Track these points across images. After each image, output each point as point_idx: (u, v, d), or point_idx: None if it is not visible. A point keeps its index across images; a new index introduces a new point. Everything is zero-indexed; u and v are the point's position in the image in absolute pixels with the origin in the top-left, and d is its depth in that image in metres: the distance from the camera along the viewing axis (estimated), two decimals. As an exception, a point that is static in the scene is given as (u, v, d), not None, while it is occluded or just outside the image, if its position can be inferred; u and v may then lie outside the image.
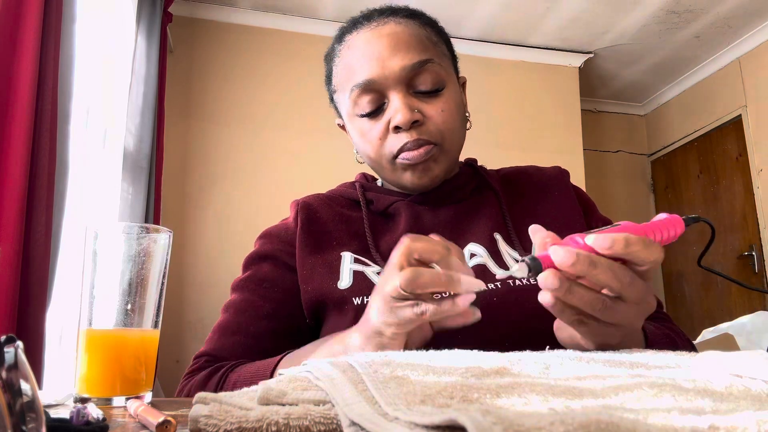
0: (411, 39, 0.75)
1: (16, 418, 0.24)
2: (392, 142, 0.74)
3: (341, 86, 0.79)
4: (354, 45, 0.77)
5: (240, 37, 3.17)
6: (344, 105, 0.79)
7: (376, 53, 0.74)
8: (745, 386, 0.32)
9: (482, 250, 0.75)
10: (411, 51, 0.74)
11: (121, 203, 2.17)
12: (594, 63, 3.72)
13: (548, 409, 0.26)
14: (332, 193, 0.87)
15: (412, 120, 0.72)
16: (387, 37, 0.75)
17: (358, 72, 0.75)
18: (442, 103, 0.75)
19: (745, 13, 3.19)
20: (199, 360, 0.75)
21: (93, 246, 0.53)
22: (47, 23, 1.40)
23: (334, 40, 0.83)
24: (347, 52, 0.78)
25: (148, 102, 2.37)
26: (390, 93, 0.74)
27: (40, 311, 1.32)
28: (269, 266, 0.79)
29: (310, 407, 0.32)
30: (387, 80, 0.73)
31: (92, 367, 0.51)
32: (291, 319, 0.76)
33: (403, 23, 0.77)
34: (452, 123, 0.76)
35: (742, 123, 3.55)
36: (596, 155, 4.12)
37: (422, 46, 0.75)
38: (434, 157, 0.75)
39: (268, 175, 3.02)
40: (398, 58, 0.73)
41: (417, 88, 0.75)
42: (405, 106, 0.72)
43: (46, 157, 1.36)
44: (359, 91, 0.75)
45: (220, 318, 0.78)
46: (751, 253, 3.46)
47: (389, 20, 0.77)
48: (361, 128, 0.77)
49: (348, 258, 0.76)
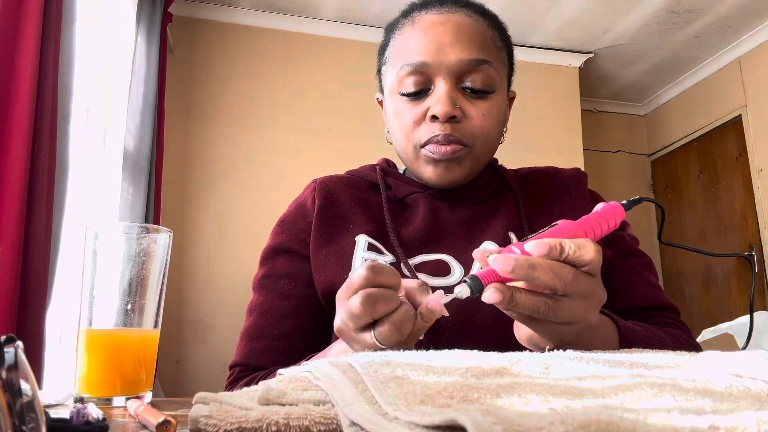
0: (476, 35, 0.73)
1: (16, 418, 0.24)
2: (424, 130, 0.73)
3: (393, 60, 0.77)
4: (419, 23, 0.75)
5: (240, 37, 3.17)
6: (390, 79, 0.77)
7: (438, 38, 0.72)
8: (745, 386, 0.32)
9: (496, 248, 0.74)
10: (472, 46, 0.72)
11: (121, 203, 2.17)
12: (594, 63, 3.72)
13: (548, 409, 0.26)
14: (352, 174, 0.86)
15: (451, 114, 0.71)
16: (453, 25, 0.73)
17: (414, 51, 0.73)
18: (485, 107, 0.73)
19: (745, 13, 3.19)
20: (234, 371, 0.74)
21: (93, 246, 0.53)
22: (47, 23, 1.40)
23: (400, 14, 0.81)
24: (410, 29, 0.76)
25: (148, 102, 2.37)
26: (438, 80, 0.72)
27: (40, 311, 1.32)
28: (285, 260, 0.78)
29: (310, 407, 0.32)
30: (440, 67, 0.72)
31: (92, 367, 0.51)
32: (315, 314, 0.75)
33: (474, 18, 0.75)
34: (489, 129, 0.74)
35: (742, 123, 3.55)
36: (596, 155, 4.12)
37: (485, 46, 0.74)
38: (460, 158, 0.73)
39: (268, 175, 3.02)
40: (458, 49, 0.72)
41: (466, 84, 0.73)
42: (448, 97, 0.71)
43: (46, 157, 1.36)
44: (410, 70, 0.73)
45: (245, 323, 0.77)
46: (751, 253, 3.46)
47: (460, 10, 0.75)
48: (399, 108, 0.75)
49: (362, 244, 0.74)
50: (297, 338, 0.74)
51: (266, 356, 0.73)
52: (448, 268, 0.73)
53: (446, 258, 0.74)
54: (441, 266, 0.73)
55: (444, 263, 0.73)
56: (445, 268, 0.73)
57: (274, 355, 0.73)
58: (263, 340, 0.73)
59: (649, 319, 0.77)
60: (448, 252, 0.75)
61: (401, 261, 0.72)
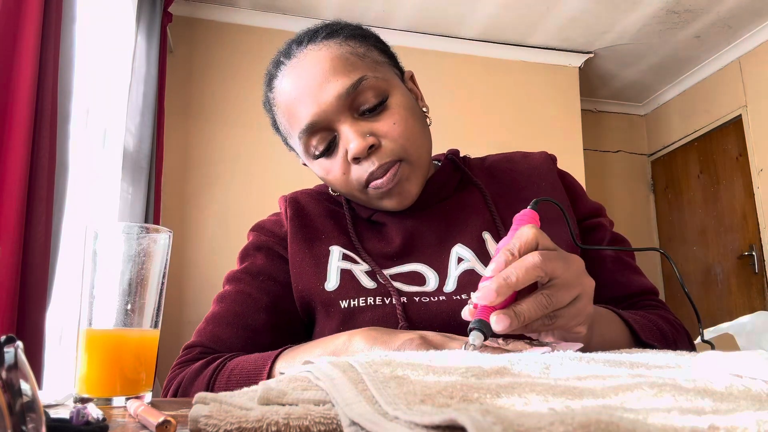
0: (335, 63, 0.70)
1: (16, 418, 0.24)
2: (357, 174, 0.71)
3: (289, 134, 0.76)
4: (283, 90, 0.73)
5: (240, 37, 3.17)
6: (299, 149, 0.76)
7: (306, 91, 0.70)
8: (745, 386, 0.32)
9: (470, 253, 0.73)
10: (339, 76, 0.69)
11: (121, 203, 2.17)
12: (594, 63, 3.72)
13: (548, 409, 0.26)
14: (319, 188, 0.86)
15: (367, 146, 0.68)
16: (310, 72, 0.70)
17: (297, 117, 0.71)
18: (391, 116, 0.71)
19: (745, 13, 3.19)
20: (192, 350, 0.72)
21: (93, 246, 0.53)
22: (47, 23, 1.40)
23: (264, 88, 0.79)
24: (280, 99, 0.74)
25: (148, 102, 2.37)
26: (336, 125, 0.70)
27: (40, 311, 1.32)
28: (265, 259, 0.78)
29: (310, 407, 0.32)
30: (327, 114, 0.69)
31: (92, 367, 0.51)
32: (288, 314, 0.75)
33: (324, 48, 0.71)
34: (409, 131, 0.71)
35: (742, 123, 3.55)
36: (596, 155, 4.12)
37: (349, 66, 0.70)
38: (405, 175, 0.71)
39: (268, 175, 3.02)
40: (330, 88, 0.69)
41: (361, 110, 0.70)
42: (356, 134, 0.68)
43: (46, 157, 1.36)
44: (306, 136, 0.72)
45: (212, 309, 0.76)
46: (751, 253, 3.46)
47: (307, 50, 0.72)
48: (323, 167, 0.74)
49: (336, 254, 0.75)
50: (266, 333, 0.73)
51: (233, 344, 0.72)
52: (423, 278, 0.73)
53: (420, 268, 0.74)
54: (415, 276, 0.73)
55: (418, 274, 0.73)
56: (419, 278, 0.73)
57: (240, 344, 0.72)
58: (233, 329, 0.72)
59: (635, 305, 0.78)
60: (422, 261, 0.74)
61: (376, 272, 0.73)
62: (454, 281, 0.71)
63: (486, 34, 3.43)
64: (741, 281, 3.53)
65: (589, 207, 0.83)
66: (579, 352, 0.47)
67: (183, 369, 0.70)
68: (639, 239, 4.13)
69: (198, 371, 0.67)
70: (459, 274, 0.72)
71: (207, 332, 0.73)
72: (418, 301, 0.69)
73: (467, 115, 3.39)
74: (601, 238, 0.80)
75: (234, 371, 0.64)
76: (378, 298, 0.69)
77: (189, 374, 0.68)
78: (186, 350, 0.73)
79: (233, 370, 0.64)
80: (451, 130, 3.22)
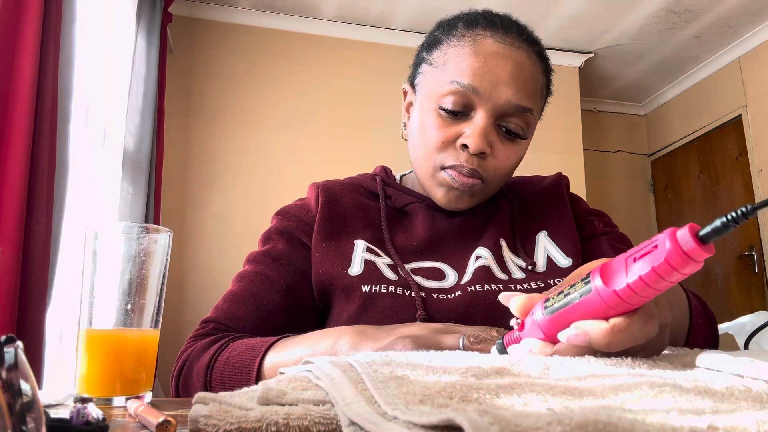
0: (530, 80, 0.74)
1: (16, 418, 0.24)
2: (450, 154, 0.74)
3: (442, 68, 0.76)
4: (481, 47, 0.74)
5: (240, 37, 3.17)
6: (431, 85, 0.76)
7: (496, 71, 0.72)
8: (746, 386, 0.32)
9: (488, 253, 0.76)
10: (524, 92, 0.73)
11: (121, 203, 2.17)
12: (594, 63, 3.72)
13: (546, 409, 0.26)
14: (351, 180, 0.87)
15: (482, 150, 0.72)
16: (514, 64, 0.73)
17: (469, 73, 0.72)
18: (513, 151, 0.75)
19: (745, 13, 3.19)
20: (207, 325, 0.74)
21: (93, 246, 0.53)
22: (47, 23, 1.40)
23: (461, 19, 0.78)
24: (470, 47, 0.74)
25: (148, 102, 2.37)
26: (479, 110, 0.72)
27: (40, 311, 1.32)
28: (286, 243, 0.79)
29: (309, 407, 0.32)
30: (488, 100, 0.72)
31: (92, 367, 0.51)
32: (302, 300, 0.77)
33: (532, 60, 0.75)
34: (509, 171, 0.77)
35: (742, 123, 3.55)
36: (596, 155, 4.12)
37: (534, 93, 0.75)
38: (475, 191, 0.75)
39: (268, 175, 3.02)
40: (511, 90, 0.72)
41: (503, 123, 0.74)
42: (484, 134, 0.72)
43: (46, 157, 1.36)
44: (457, 89, 0.72)
45: (231, 287, 0.77)
46: (751, 253, 3.46)
47: (522, 47, 0.75)
48: (432, 121, 0.75)
49: (361, 246, 0.76)
50: (279, 315, 0.74)
51: (246, 322, 0.73)
52: (443, 274, 0.75)
53: (441, 265, 0.76)
54: (436, 272, 0.75)
55: (439, 270, 0.76)
56: (439, 274, 0.75)
57: (254, 323, 0.73)
58: (248, 308, 0.74)
59: None
60: (443, 260, 0.77)
61: (398, 266, 0.74)
62: (470, 273, 0.74)
63: (486, 34, 3.43)
64: (741, 281, 3.53)
65: (585, 210, 0.87)
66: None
67: (195, 342, 0.72)
68: (639, 239, 4.09)
69: (206, 347, 0.69)
70: (475, 268, 0.74)
71: (224, 309, 0.75)
72: (436, 297, 0.71)
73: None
74: (591, 232, 0.82)
75: (232, 354, 0.65)
76: (399, 288, 0.71)
77: (197, 349, 0.69)
78: (202, 324, 0.75)
79: (232, 353, 0.65)
80: (451, 130, 3.22)
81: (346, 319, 0.71)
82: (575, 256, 0.76)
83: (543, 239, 0.79)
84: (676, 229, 0.35)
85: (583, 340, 0.39)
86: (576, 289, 0.40)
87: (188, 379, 0.67)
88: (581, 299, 0.39)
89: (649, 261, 0.35)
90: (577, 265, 0.75)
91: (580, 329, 0.39)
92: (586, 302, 0.39)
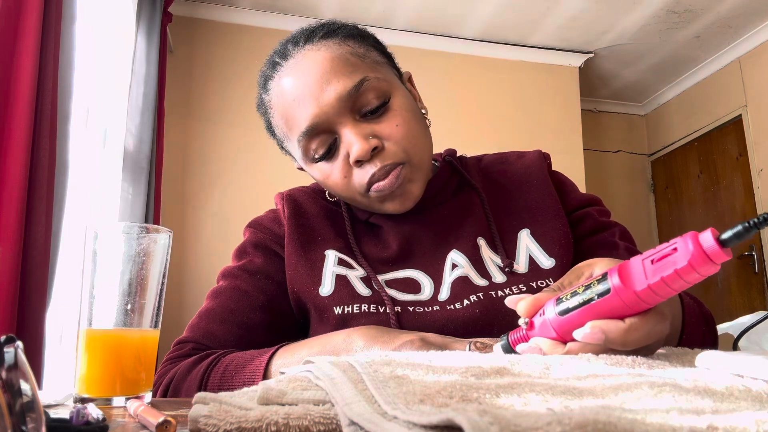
0: (336, 64, 0.68)
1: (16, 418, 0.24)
2: (358, 177, 0.70)
3: (287, 138, 0.74)
4: (281, 91, 0.71)
5: (240, 37, 3.17)
6: (296, 153, 0.74)
7: (306, 92, 0.68)
8: (745, 386, 0.32)
9: (464, 259, 0.73)
10: (340, 77, 0.68)
11: (121, 203, 2.17)
12: (594, 63, 3.72)
13: (546, 409, 0.26)
14: (316, 186, 0.84)
15: (371, 149, 0.67)
16: (309, 72, 0.68)
17: (296, 120, 0.70)
18: (393, 117, 0.70)
19: (745, 13, 3.19)
20: (184, 346, 0.71)
21: (93, 246, 0.53)
22: (47, 23, 1.40)
23: (259, 90, 0.77)
24: (277, 101, 0.72)
25: (148, 102, 2.37)
26: (338, 128, 0.69)
27: (40, 311, 1.32)
28: (263, 257, 0.77)
29: (309, 407, 0.32)
30: (328, 116, 0.68)
31: (92, 367, 0.51)
32: (284, 314, 0.75)
33: (322, 48, 0.70)
34: (412, 133, 0.70)
35: (742, 123, 3.55)
36: (596, 155, 4.12)
37: (350, 67, 0.69)
38: (407, 177, 0.70)
39: (268, 175, 3.02)
40: (330, 89, 0.67)
41: (362, 111, 0.69)
42: (358, 136, 0.67)
43: (46, 157, 1.36)
44: (306, 139, 0.70)
45: (206, 304, 0.74)
46: (751, 253, 3.46)
47: (305, 51, 0.70)
48: (322, 171, 0.72)
49: (332, 259, 0.74)
50: (261, 331, 0.72)
51: (226, 341, 0.71)
52: (418, 285, 0.72)
53: (415, 275, 0.73)
54: (411, 284, 0.73)
55: (414, 281, 0.73)
56: (414, 285, 0.72)
57: (234, 341, 0.71)
58: (227, 325, 0.71)
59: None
60: (417, 267, 0.74)
61: (371, 278, 0.72)
62: (448, 289, 0.71)
63: (486, 34, 3.43)
64: (741, 281, 3.53)
65: (578, 199, 0.82)
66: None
67: (175, 364, 0.69)
68: (639, 239, 4.11)
69: (191, 366, 0.66)
70: (452, 281, 0.71)
71: (200, 328, 0.72)
72: (412, 311, 0.69)
73: (467, 115, 3.39)
74: (589, 228, 0.79)
75: (229, 367, 0.63)
76: (372, 306, 0.68)
77: (182, 369, 0.66)
78: (177, 345, 0.72)
79: (228, 365, 0.63)
80: (451, 130, 3.23)
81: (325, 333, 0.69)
82: (558, 256, 0.72)
83: (525, 238, 0.75)
84: (697, 233, 0.37)
85: (599, 338, 0.40)
86: (592, 289, 0.41)
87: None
88: (599, 299, 0.40)
89: (671, 263, 0.37)
90: (561, 265, 0.71)
91: (596, 328, 0.40)
92: (604, 302, 0.40)
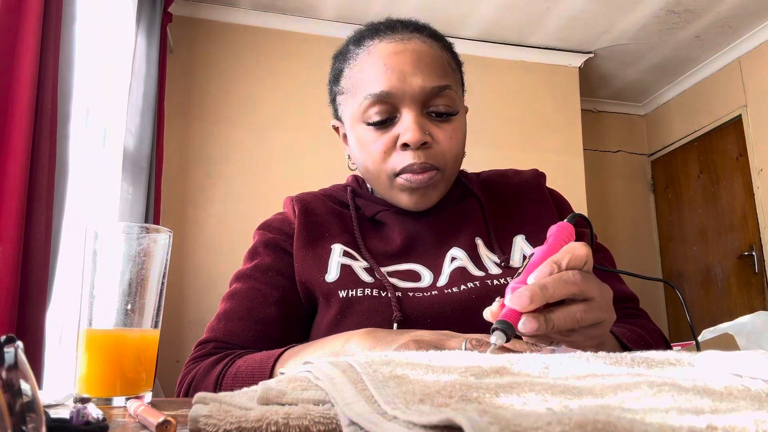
0: (434, 61, 0.75)
1: (16, 418, 0.24)
2: (397, 159, 0.74)
3: (353, 90, 0.78)
4: (375, 53, 0.76)
5: (240, 37, 3.17)
6: (351, 109, 0.78)
7: (399, 67, 0.73)
8: (745, 386, 0.32)
9: (462, 254, 0.77)
10: (433, 73, 0.74)
11: (121, 203, 2.17)
12: (594, 63, 3.72)
13: (546, 408, 0.26)
14: (324, 191, 0.89)
15: (423, 141, 0.72)
16: (412, 54, 0.74)
17: (376, 81, 0.74)
18: (451, 130, 0.76)
19: (745, 13, 3.19)
20: (206, 346, 0.74)
21: (93, 246, 0.53)
22: (47, 23, 1.40)
23: (350, 42, 0.82)
24: (366, 58, 0.77)
25: (148, 102, 2.37)
26: (404, 109, 0.74)
27: (40, 311, 1.32)
28: (273, 255, 0.80)
29: (309, 407, 0.32)
30: (404, 96, 0.73)
31: (92, 367, 0.51)
32: (297, 308, 0.77)
33: (428, 43, 0.77)
34: (457, 150, 0.77)
35: (742, 123, 3.55)
36: (596, 155, 4.12)
37: (443, 70, 0.76)
38: (435, 183, 0.76)
39: (268, 175, 3.02)
40: (420, 77, 0.73)
41: (430, 110, 0.75)
42: (418, 125, 0.72)
43: (46, 157, 1.36)
44: (374, 100, 0.74)
45: (222, 306, 0.77)
46: (751, 253, 3.46)
47: (413, 36, 0.77)
48: (365, 137, 0.76)
49: (338, 251, 0.77)
50: (278, 326, 0.75)
51: (246, 337, 0.73)
52: (419, 275, 0.76)
53: (417, 267, 0.77)
54: (412, 274, 0.76)
55: (414, 272, 0.77)
56: (415, 275, 0.76)
57: (253, 337, 0.74)
58: (246, 322, 0.74)
59: (616, 312, 0.79)
60: (419, 261, 0.78)
61: (374, 269, 0.75)
62: (447, 277, 0.75)
63: (486, 34, 3.43)
64: (741, 281, 3.53)
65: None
66: (579, 351, 0.47)
67: (197, 364, 0.71)
68: (639, 239, 4.13)
69: (210, 367, 0.69)
70: (451, 270, 0.75)
71: (220, 328, 0.75)
72: (412, 296, 0.72)
73: (467, 114, 3.39)
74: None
75: (240, 369, 0.66)
76: (375, 290, 0.72)
77: (202, 369, 0.69)
78: (199, 346, 0.75)
79: (240, 368, 0.66)
80: (451, 130, 3.22)
81: (326, 325, 0.72)
82: None
83: (520, 241, 0.80)
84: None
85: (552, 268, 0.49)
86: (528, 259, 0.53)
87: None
88: (536, 254, 0.53)
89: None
90: None
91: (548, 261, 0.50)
92: (540, 252, 0.53)
